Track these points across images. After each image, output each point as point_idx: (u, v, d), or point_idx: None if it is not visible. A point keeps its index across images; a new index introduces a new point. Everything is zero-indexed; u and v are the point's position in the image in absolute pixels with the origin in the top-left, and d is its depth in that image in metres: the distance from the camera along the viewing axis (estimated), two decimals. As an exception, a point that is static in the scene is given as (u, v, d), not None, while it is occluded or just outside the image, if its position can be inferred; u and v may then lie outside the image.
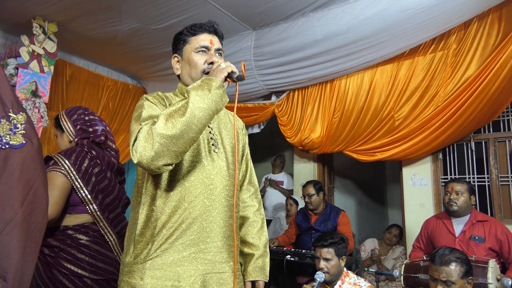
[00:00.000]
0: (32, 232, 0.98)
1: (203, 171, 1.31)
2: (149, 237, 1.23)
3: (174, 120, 1.11)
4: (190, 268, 1.22)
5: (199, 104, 1.13)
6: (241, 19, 3.59)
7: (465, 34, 3.15)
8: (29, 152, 1.00)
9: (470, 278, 1.89)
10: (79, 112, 1.97)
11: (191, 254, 1.24)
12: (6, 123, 0.95)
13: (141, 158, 1.10)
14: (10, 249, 0.91)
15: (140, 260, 1.22)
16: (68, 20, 3.64)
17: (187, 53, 1.41)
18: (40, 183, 1.04)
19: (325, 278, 2.28)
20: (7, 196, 0.93)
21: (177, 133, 1.10)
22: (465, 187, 2.64)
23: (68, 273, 1.66)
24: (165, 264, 1.21)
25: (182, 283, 1.20)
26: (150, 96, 1.34)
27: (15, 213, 0.93)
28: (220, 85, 1.19)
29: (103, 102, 4.81)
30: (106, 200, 1.83)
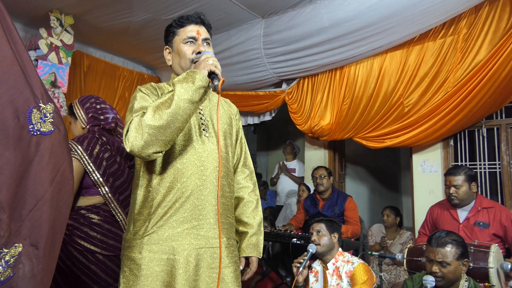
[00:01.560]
0: (60, 208, 1.11)
1: (194, 154, 1.39)
2: (146, 215, 1.34)
3: (161, 112, 1.20)
4: (184, 242, 1.32)
5: (184, 96, 1.22)
6: (250, 7, 3.63)
7: (476, 18, 3.10)
8: (57, 138, 1.12)
9: (465, 260, 1.93)
10: (91, 101, 2.09)
11: (185, 230, 1.33)
12: (37, 112, 1.07)
13: (133, 147, 1.22)
14: (41, 222, 1.04)
15: (138, 236, 1.33)
16: (83, 13, 3.77)
17: (176, 44, 1.50)
18: (66, 165, 1.17)
19: (317, 250, 2.42)
20: (38, 177, 1.05)
21: (163, 124, 1.20)
22: (463, 178, 2.61)
23: (82, 249, 1.81)
24: (161, 239, 1.31)
25: (177, 256, 1.30)
26: (143, 88, 1.44)
27: (45, 191, 1.05)
28: (203, 77, 1.26)
29: (120, 91, 4.96)
30: (117, 183, 1.96)
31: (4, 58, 1.02)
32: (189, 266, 1.31)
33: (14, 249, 0.99)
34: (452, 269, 1.88)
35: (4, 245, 0.97)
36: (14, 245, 0.99)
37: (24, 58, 1.10)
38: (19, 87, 1.04)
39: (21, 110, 1.04)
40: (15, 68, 1.04)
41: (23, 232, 1.01)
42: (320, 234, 2.49)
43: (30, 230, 1.02)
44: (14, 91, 1.03)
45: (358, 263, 2.36)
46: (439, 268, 1.89)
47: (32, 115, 1.06)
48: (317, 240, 2.46)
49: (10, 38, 1.06)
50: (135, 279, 1.29)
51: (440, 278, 1.89)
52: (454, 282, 1.93)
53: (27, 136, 1.05)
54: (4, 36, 1.04)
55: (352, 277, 2.31)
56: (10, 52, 1.04)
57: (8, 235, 0.97)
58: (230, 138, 1.58)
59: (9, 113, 1.01)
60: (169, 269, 1.30)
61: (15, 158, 1.00)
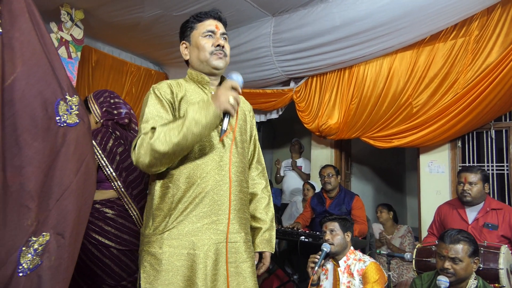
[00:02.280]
0: (85, 199, 1.13)
1: (213, 149, 1.42)
2: (167, 211, 1.36)
3: (168, 139, 1.25)
4: (204, 237, 1.34)
5: (193, 129, 1.25)
6: (260, 5, 3.63)
7: (488, 20, 3.10)
8: (81, 129, 1.14)
9: (476, 258, 1.95)
10: (105, 95, 2.10)
11: (204, 225, 1.35)
12: (63, 104, 1.09)
13: (138, 163, 1.30)
14: (67, 212, 1.06)
15: (159, 232, 1.34)
16: (94, 7, 3.77)
17: (194, 38, 1.51)
18: (90, 157, 1.20)
19: (331, 249, 2.40)
20: (64, 167, 1.07)
21: (169, 152, 1.26)
22: (479, 176, 2.62)
23: (96, 243, 1.82)
24: (181, 234, 1.33)
25: (197, 251, 1.32)
26: (157, 90, 1.43)
27: (71, 182, 1.08)
28: (216, 116, 1.27)
29: (127, 87, 4.97)
30: (130, 178, 1.97)
31: (34, 51, 1.04)
32: (208, 260, 1.33)
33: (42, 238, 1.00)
34: (464, 266, 1.90)
35: (33, 234, 0.98)
36: (42, 233, 1.01)
37: (51, 51, 1.11)
38: (47, 79, 1.05)
39: (49, 102, 1.05)
40: (43, 61, 1.06)
41: (50, 222, 1.02)
42: (333, 233, 2.47)
43: (56, 220, 1.03)
44: (43, 83, 1.04)
45: (370, 262, 2.37)
46: (451, 264, 1.91)
47: (59, 106, 1.08)
48: (331, 240, 2.44)
49: (38, 31, 1.08)
50: (156, 274, 1.30)
51: (451, 275, 1.90)
52: (464, 279, 1.94)
53: (55, 127, 1.06)
54: (33, 29, 1.06)
55: (364, 276, 2.31)
56: (39, 45, 1.06)
57: (36, 223, 0.99)
58: (245, 134, 1.60)
59: (38, 105, 1.02)
60: (189, 263, 1.32)
61: (43, 148, 1.01)
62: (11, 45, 1.00)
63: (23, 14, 1.04)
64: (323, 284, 2.47)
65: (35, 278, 0.97)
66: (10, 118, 0.97)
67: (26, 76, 1.01)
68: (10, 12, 1.01)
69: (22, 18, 1.04)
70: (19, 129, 0.98)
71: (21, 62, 1.01)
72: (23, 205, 0.95)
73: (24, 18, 1.04)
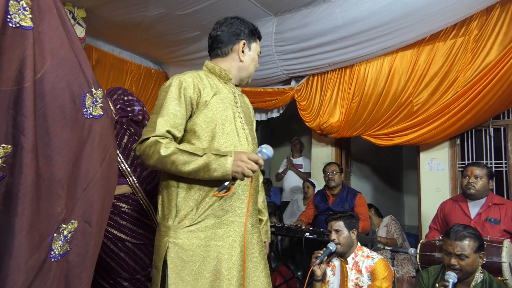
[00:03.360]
0: (109, 189, 1.17)
1: (239, 145, 1.50)
2: (194, 204, 1.41)
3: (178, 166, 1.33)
4: (229, 229, 1.43)
5: (200, 173, 1.35)
6: (263, 5, 3.66)
7: (487, 19, 3.16)
8: (106, 122, 1.19)
9: (482, 253, 1.99)
10: (119, 92, 2.13)
11: (229, 218, 1.43)
12: (90, 97, 1.13)
13: (140, 157, 1.38)
14: (93, 201, 1.10)
15: (185, 224, 1.39)
16: (97, 6, 3.78)
17: (253, 50, 1.65)
18: (113, 149, 1.24)
19: (337, 249, 2.43)
20: (90, 158, 1.11)
21: (171, 171, 1.37)
22: (485, 171, 2.69)
23: (112, 237, 1.84)
24: (207, 226, 1.40)
25: (222, 242, 1.41)
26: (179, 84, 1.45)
27: (96, 172, 1.12)
28: (227, 177, 1.35)
29: (127, 85, 4.96)
30: (144, 173, 1.99)
31: (62, 45, 1.06)
32: (233, 251, 1.40)
33: (71, 225, 1.03)
34: (470, 262, 1.94)
35: (63, 221, 1.01)
36: (70, 221, 1.03)
37: (76, 46, 1.14)
38: (75, 72, 1.08)
39: (77, 94, 1.08)
40: (70, 55, 1.09)
41: (78, 210, 1.05)
42: (339, 233, 2.47)
43: (84, 208, 1.06)
44: (71, 76, 1.07)
45: (379, 259, 2.39)
46: (457, 261, 1.95)
47: (85, 99, 1.11)
48: (337, 240, 2.45)
49: (65, 27, 1.10)
50: (183, 264, 1.35)
51: (458, 271, 1.94)
52: (470, 274, 1.98)
53: (82, 119, 1.09)
54: (60, 24, 1.08)
55: (373, 272, 2.34)
56: (66, 40, 1.09)
57: (66, 211, 1.01)
58: (253, 131, 1.72)
59: (67, 97, 1.05)
60: (215, 255, 1.39)
61: (72, 139, 1.04)
62: (40, 39, 1.03)
63: (51, 10, 1.07)
64: (330, 280, 2.50)
65: (65, 264, 1.00)
66: (41, 110, 0.99)
67: (55, 69, 1.04)
68: (39, 7, 1.04)
69: (51, 14, 1.06)
70: (49, 120, 1.00)
71: (51, 56, 1.04)
72: (53, 192, 0.98)
73: (52, 14, 1.07)
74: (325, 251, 2.39)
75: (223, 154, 1.36)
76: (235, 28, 1.61)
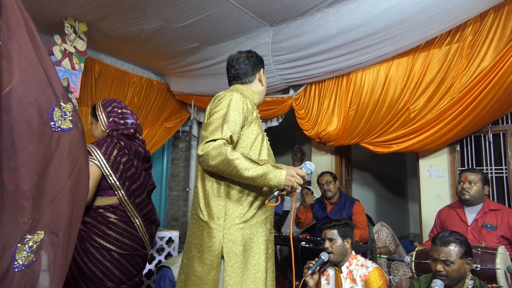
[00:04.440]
0: (77, 200, 1.20)
1: (270, 157, 1.81)
2: (247, 204, 1.68)
3: (239, 170, 1.55)
4: (264, 228, 1.72)
5: (258, 180, 1.57)
6: (259, 16, 3.71)
7: (481, 25, 3.14)
8: (75, 134, 1.23)
9: (469, 259, 1.96)
10: (113, 104, 2.17)
11: (264, 218, 1.73)
12: (58, 110, 1.17)
13: (201, 159, 1.60)
14: (61, 212, 1.14)
15: (236, 222, 1.65)
16: (97, 20, 3.87)
17: (264, 78, 2.01)
18: (83, 161, 1.27)
19: (330, 258, 2.40)
20: (58, 170, 1.15)
21: (231, 175, 1.59)
22: (479, 176, 2.67)
23: (98, 246, 1.87)
24: (252, 225, 1.68)
25: (262, 239, 1.69)
26: (242, 102, 1.73)
27: (64, 183, 1.15)
28: (279, 187, 1.59)
29: (129, 97, 5.06)
30: (133, 187, 2.02)
31: (30, 61, 1.10)
32: (265, 247, 1.70)
33: (36, 236, 1.05)
34: (456, 268, 1.91)
35: (28, 231, 1.03)
36: (36, 232, 1.06)
37: (46, 61, 1.18)
38: (43, 87, 1.12)
39: (44, 108, 1.11)
40: (39, 71, 1.12)
41: (44, 221, 1.07)
42: (332, 241, 2.46)
43: (51, 219, 1.09)
44: (39, 91, 1.11)
45: (373, 268, 2.36)
46: (443, 266, 1.92)
47: (54, 113, 1.14)
48: (330, 248, 2.43)
49: (34, 43, 1.14)
50: (236, 257, 1.61)
51: (445, 277, 1.92)
52: (459, 280, 1.95)
53: (49, 132, 1.12)
54: (29, 41, 1.12)
55: (367, 282, 2.31)
56: (35, 56, 1.12)
57: (31, 222, 1.04)
58: None
59: (34, 111, 1.08)
60: (256, 249, 1.67)
61: (38, 151, 1.07)
62: (9, 56, 1.07)
63: (21, 28, 1.11)
64: (324, 289, 2.48)
65: (30, 274, 1.02)
66: (7, 124, 1.03)
67: (23, 85, 1.07)
68: (9, 26, 1.08)
69: (20, 32, 1.10)
70: (15, 134, 1.04)
71: (19, 72, 1.08)
72: (18, 204, 1.01)
73: (21, 32, 1.11)
74: (317, 261, 2.38)
75: (279, 167, 1.60)
76: (255, 59, 1.96)
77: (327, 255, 2.40)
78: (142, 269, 2.08)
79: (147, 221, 2.10)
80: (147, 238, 2.06)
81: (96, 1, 3.44)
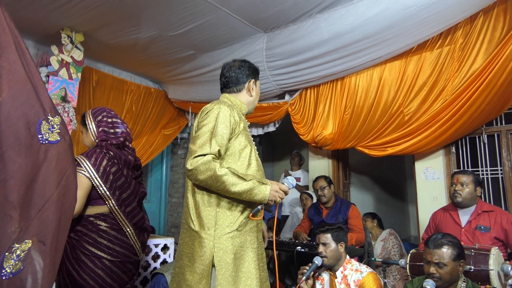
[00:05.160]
0: (65, 210, 1.24)
1: (259, 169, 1.85)
2: (238, 213, 1.72)
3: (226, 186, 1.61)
4: (253, 236, 1.76)
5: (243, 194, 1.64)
6: (252, 23, 3.75)
7: (471, 28, 3.18)
8: (62, 146, 1.27)
9: (462, 261, 1.98)
10: (103, 114, 2.18)
11: (254, 227, 1.78)
12: (46, 124, 1.22)
13: (190, 173, 1.63)
14: (48, 221, 1.18)
15: (226, 231, 1.68)
16: (93, 30, 3.92)
17: (258, 88, 2.04)
18: (71, 171, 1.31)
19: (324, 262, 2.41)
20: (46, 180, 1.19)
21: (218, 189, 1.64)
22: (470, 178, 2.68)
23: (90, 254, 1.89)
24: (241, 233, 1.71)
25: (251, 247, 1.73)
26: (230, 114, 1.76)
27: (52, 194, 1.19)
28: (263, 202, 1.68)
29: (127, 105, 5.10)
30: (123, 196, 2.05)
31: (19, 78, 1.14)
32: (256, 255, 1.73)
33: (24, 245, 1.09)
34: (449, 270, 1.93)
35: (16, 240, 1.07)
36: (24, 241, 1.09)
37: (35, 77, 1.22)
38: (31, 102, 1.16)
39: (32, 122, 1.15)
40: (27, 86, 1.17)
41: (32, 230, 1.11)
42: (326, 245, 2.46)
43: (38, 228, 1.12)
44: (27, 106, 1.15)
45: (367, 272, 2.37)
46: (436, 269, 1.94)
47: (41, 126, 1.18)
48: (324, 253, 2.44)
49: (23, 60, 1.19)
50: (227, 266, 1.64)
51: (438, 279, 1.93)
52: (452, 283, 1.97)
53: (37, 145, 1.16)
54: (18, 58, 1.16)
55: (361, 286, 2.32)
56: (24, 72, 1.16)
57: (19, 231, 1.07)
58: None
59: (22, 125, 1.12)
60: (246, 257, 1.69)
61: (26, 163, 1.10)
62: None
63: (10, 46, 1.15)
64: (320, 294, 2.50)
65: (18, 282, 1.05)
66: None
67: (11, 100, 1.11)
68: None
69: (9, 50, 1.15)
70: (4, 146, 1.07)
71: (8, 87, 1.12)
72: (6, 214, 1.04)
73: (11, 50, 1.15)
74: (311, 266, 2.38)
75: (264, 183, 1.67)
76: (246, 70, 1.98)
77: (320, 260, 2.40)
78: (134, 275, 2.10)
79: (139, 229, 2.12)
80: (139, 245, 2.09)
81: (91, 11, 3.49)
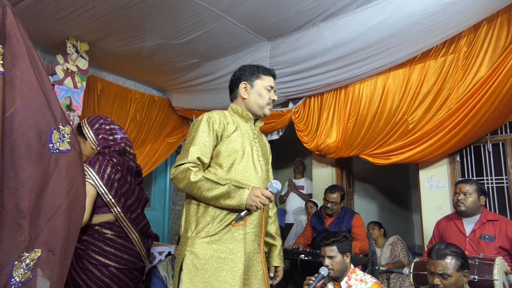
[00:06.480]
0: (74, 219, 1.25)
1: (253, 174, 1.75)
2: (210, 219, 1.66)
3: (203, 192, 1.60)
4: (239, 246, 1.64)
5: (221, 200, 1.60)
6: (255, 31, 3.78)
7: (475, 36, 3.19)
8: (72, 156, 1.28)
9: (466, 271, 1.96)
10: (100, 121, 2.18)
11: (240, 235, 1.66)
12: (57, 133, 1.23)
13: (173, 183, 1.68)
14: (57, 230, 1.18)
15: (201, 235, 1.63)
16: (98, 39, 3.96)
17: (258, 86, 1.89)
18: (80, 180, 1.32)
19: (330, 274, 2.39)
20: (56, 190, 1.20)
21: (196, 196, 1.64)
22: (474, 187, 2.67)
23: (97, 263, 1.89)
24: (220, 240, 1.63)
25: (232, 256, 1.62)
26: (209, 119, 1.74)
27: (62, 203, 1.20)
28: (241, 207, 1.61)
29: (131, 114, 5.12)
30: (128, 202, 2.05)
31: (31, 87, 1.16)
32: (241, 266, 1.61)
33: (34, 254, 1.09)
34: (453, 281, 1.91)
35: (25, 249, 1.07)
36: (34, 250, 1.10)
37: (47, 87, 1.24)
38: (42, 111, 1.18)
39: (44, 131, 1.17)
40: (39, 96, 1.18)
41: (42, 239, 1.11)
42: (332, 258, 2.42)
43: (48, 237, 1.13)
44: (38, 115, 1.16)
45: (372, 283, 2.35)
46: (440, 280, 1.92)
47: (52, 135, 1.19)
48: (330, 266, 2.41)
49: (36, 70, 1.21)
50: (196, 271, 1.57)
51: (442, 290, 1.92)
52: (457, 294, 1.95)
53: (48, 154, 1.17)
54: (31, 68, 1.19)
55: None
56: (36, 82, 1.18)
57: (29, 240, 1.08)
58: (268, 164, 1.97)
59: (33, 134, 1.13)
60: (224, 266, 1.60)
61: (36, 172, 1.11)
62: (12, 82, 1.13)
63: (24, 56, 1.18)
64: (324, 303, 2.48)
65: (27, 291, 1.05)
66: (8, 146, 1.07)
67: (23, 109, 1.13)
68: (12, 54, 1.15)
69: (23, 59, 1.17)
70: (15, 155, 1.08)
71: (20, 97, 1.13)
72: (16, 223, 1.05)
73: (24, 60, 1.17)
74: (317, 277, 2.35)
75: (242, 186, 1.60)
76: (236, 76, 1.94)
77: (326, 270, 2.37)
78: (139, 282, 2.11)
79: (144, 235, 2.12)
80: (144, 251, 2.09)
81: (96, 21, 3.53)
